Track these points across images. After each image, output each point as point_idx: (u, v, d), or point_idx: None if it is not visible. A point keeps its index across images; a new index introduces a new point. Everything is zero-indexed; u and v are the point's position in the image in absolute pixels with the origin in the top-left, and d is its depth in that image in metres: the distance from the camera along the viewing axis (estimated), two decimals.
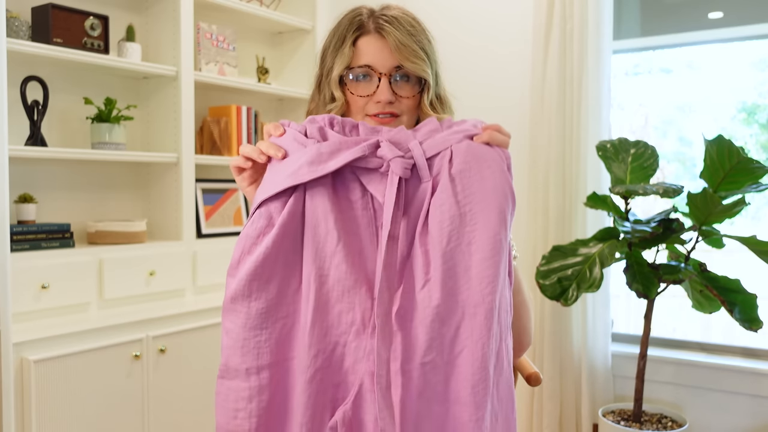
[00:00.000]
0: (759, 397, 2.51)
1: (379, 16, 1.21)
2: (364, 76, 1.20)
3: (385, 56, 1.19)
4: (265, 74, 3.11)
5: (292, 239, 0.96)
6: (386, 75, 1.19)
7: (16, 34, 2.16)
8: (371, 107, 1.20)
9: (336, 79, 1.21)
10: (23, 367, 1.94)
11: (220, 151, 2.83)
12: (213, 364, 2.42)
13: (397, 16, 1.21)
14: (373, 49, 1.20)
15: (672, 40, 2.95)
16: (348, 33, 1.21)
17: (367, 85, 1.20)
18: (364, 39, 1.21)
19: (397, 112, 1.20)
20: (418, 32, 1.21)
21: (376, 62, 1.19)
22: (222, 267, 2.68)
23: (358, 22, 1.21)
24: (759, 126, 3.04)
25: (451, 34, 3.02)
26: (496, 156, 1.02)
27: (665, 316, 2.99)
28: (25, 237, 2.13)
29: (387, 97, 1.18)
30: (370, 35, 1.20)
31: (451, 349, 0.93)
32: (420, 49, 1.19)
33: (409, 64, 1.18)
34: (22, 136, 2.28)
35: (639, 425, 2.41)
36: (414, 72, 1.19)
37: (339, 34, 1.23)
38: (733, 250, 2.36)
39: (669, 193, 2.24)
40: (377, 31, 1.20)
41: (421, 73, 1.19)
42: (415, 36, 1.20)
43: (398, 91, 1.20)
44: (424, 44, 1.21)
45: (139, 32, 2.62)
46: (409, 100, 1.21)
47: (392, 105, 1.19)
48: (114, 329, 2.15)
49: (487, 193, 0.98)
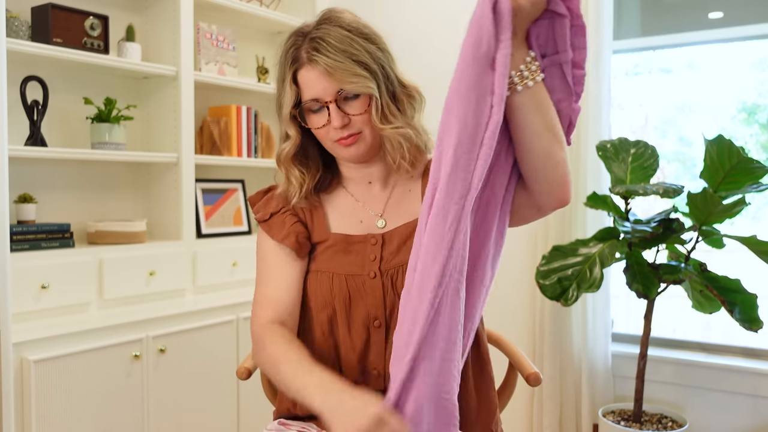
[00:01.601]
0: (759, 397, 2.51)
1: (312, 38, 1.19)
2: (316, 107, 1.20)
3: (325, 84, 1.17)
4: (265, 74, 3.11)
5: None
6: (332, 101, 1.18)
7: (16, 34, 2.16)
8: (332, 134, 1.20)
9: (287, 118, 1.23)
10: (23, 367, 1.94)
11: (220, 151, 2.82)
12: (213, 364, 2.42)
13: (326, 35, 1.18)
14: (312, 80, 1.18)
15: (672, 40, 2.95)
16: (286, 69, 1.21)
17: (321, 115, 1.20)
18: (302, 72, 1.20)
19: (354, 131, 1.20)
20: (352, 43, 1.17)
21: (318, 93, 1.18)
22: (222, 267, 2.68)
23: (293, 55, 1.20)
24: (759, 126, 3.04)
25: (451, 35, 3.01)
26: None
27: (665, 316, 2.99)
28: (25, 237, 2.13)
29: (340, 123, 1.18)
30: (306, 66, 1.19)
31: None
32: (355, 64, 1.16)
33: (348, 86, 1.16)
34: (22, 136, 2.27)
35: (639, 425, 2.41)
36: (354, 91, 1.17)
37: (280, 70, 1.23)
38: (733, 250, 2.36)
39: (669, 193, 2.24)
40: (309, 61, 1.18)
41: (362, 90, 1.17)
42: (347, 51, 1.17)
43: (349, 110, 1.19)
44: (359, 55, 1.17)
45: (139, 32, 2.62)
46: (362, 116, 1.19)
47: (348, 127, 1.19)
48: (114, 329, 2.15)
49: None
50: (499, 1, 0.99)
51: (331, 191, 1.32)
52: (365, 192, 1.30)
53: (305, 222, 1.29)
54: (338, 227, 1.28)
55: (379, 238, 1.24)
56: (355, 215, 1.29)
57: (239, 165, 2.91)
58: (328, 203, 1.31)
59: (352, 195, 1.31)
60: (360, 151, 1.22)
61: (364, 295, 1.21)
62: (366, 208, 1.29)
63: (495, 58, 0.99)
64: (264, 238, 1.29)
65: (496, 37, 0.99)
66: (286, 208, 1.29)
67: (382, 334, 1.21)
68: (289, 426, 1.25)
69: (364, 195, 1.30)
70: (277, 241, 1.26)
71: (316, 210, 1.30)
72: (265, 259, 1.29)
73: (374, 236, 1.25)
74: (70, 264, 2.19)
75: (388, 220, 1.27)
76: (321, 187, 1.32)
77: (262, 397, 1.53)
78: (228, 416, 2.48)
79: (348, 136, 1.19)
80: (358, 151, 1.22)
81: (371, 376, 1.22)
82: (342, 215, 1.29)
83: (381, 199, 1.30)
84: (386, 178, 1.30)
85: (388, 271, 1.21)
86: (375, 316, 1.21)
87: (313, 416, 1.25)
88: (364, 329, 1.21)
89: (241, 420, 2.51)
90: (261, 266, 1.30)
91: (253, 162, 2.92)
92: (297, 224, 1.27)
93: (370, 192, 1.30)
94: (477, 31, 1.00)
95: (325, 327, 1.24)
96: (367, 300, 1.21)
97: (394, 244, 1.23)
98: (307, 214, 1.30)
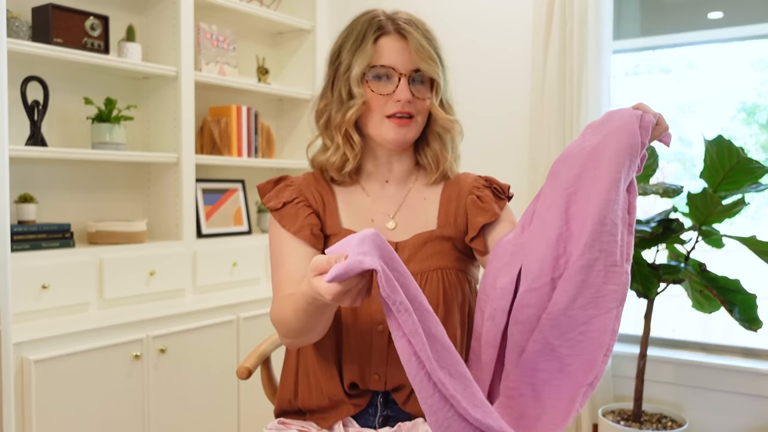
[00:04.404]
0: (759, 397, 2.51)
1: (396, 18, 1.24)
2: (384, 75, 1.22)
3: (406, 57, 1.22)
4: (265, 74, 3.11)
5: None
6: (406, 75, 1.21)
7: (16, 34, 2.16)
8: (390, 107, 1.22)
9: (357, 77, 1.22)
10: (23, 367, 1.94)
11: (220, 151, 2.83)
12: (213, 364, 2.42)
13: (414, 20, 1.25)
14: (394, 50, 1.22)
15: (672, 40, 2.95)
16: (369, 32, 1.23)
17: (387, 85, 1.22)
18: (385, 39, 1.22)
19: (414, 112, 1.23)
20: (433, 38, 1.25)
21: (397, 63, 1.21)
22: (222, 267, 2.68)
23: (378, 23, 1.23)
24: (759, 126, 3.04)
25: (450, 35, 3.02)
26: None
27: (665, 316, 2.99)
28: (25, 237, 2.13)
29: (407, 96, 1.20)
30: (391, 36, 1.23)
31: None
32: (436, 54, 1.23)
33: (427, 67, 1.21)
34: (22, 136, 2.28)
35: (639, 425, 2.41)
36: (430, 74, 1.22)
37: (357, 33, 1.24)
38: (733, 250, 2.36)
39: (669, 193, 2.25)
40: (398, 32, 1.22)
41: (435, 75, 1.22)
42: (431, 41, 1.24)
43: (416, 92, 1.23)
44: (439, 49, 1.25)
45: (139, 32, 2.62)
46: (424, 101, 1.24)
47: (410, 105, 1.22)
48: (114, 329, 2.15)
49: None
50: (643, 116, 1.01)
51: (347, 186, 1.32)
52: (380, 190, 1.31)
53: (318, 213, 1.28)
54: (349, 224, 1.28)
55: (392, 245, 1.23)
56: (367, 214, 1.29)
57: (239, 165, 2.92)
58: (341, 197, 1.30)
59: (366, 192, 1.31)
60: (408, 136, 1.24)
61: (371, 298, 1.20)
62: (378, 206, 1.29)
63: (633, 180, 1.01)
64: (276, 227, 1.27)
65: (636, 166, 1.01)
66: (299, 198, 1.27)
67: (385, 339, 1.20)
68: (289, 426, 1.25)
69: (378, 193, 1.30)
70: (291, 233, 1.23)
71: (330, 202, 1.29)
72: (279, 248, 1.25)
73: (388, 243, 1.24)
74: (71, 264, 2.19)
75: (399, 222, 1.27)
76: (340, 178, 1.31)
77: (262, 397, 1.53)
78: (228, 416, 2.48)
79: (406, 113, 1.21)
80: (406, 135, 1.23)
81: (372, 380, 1.21)
82: (354, 212, 1.29)
83: (395, 199, 1.30)
84: (405, 179, 1.31)
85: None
86: (379, 320, 1.20)
87: (312, 413, 1.26)
88: (368, 333, 1.21)
89: (241, 420, 2.52)
90: (275, 255, 1.26)
91: (253, 162, 2.92)
92: (311, 216, 1.25)
93: (384, 191, 1.31)
94: (628, 148, 0.98)
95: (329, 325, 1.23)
96: (372, 303, 1.20)
97: (406, 253, 1.23)
98: (320, 206, 1.28)
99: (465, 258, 1.27)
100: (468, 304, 1.25)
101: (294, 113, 3.22)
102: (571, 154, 1.05)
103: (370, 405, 1.23)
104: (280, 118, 3.28)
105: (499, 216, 1.26)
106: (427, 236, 1.25)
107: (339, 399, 1.22)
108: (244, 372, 1.44)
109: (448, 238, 1.25)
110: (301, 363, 1.27)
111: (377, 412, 1.23)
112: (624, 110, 1.02)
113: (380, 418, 1.23)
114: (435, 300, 1.20)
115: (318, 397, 1.23)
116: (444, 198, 1.30)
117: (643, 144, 1.00)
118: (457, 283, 1.23)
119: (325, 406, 1.23)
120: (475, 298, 1.27)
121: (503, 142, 2.94)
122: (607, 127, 1.02)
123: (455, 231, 1.26)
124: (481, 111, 2.98)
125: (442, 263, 1.23)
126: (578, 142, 1.06)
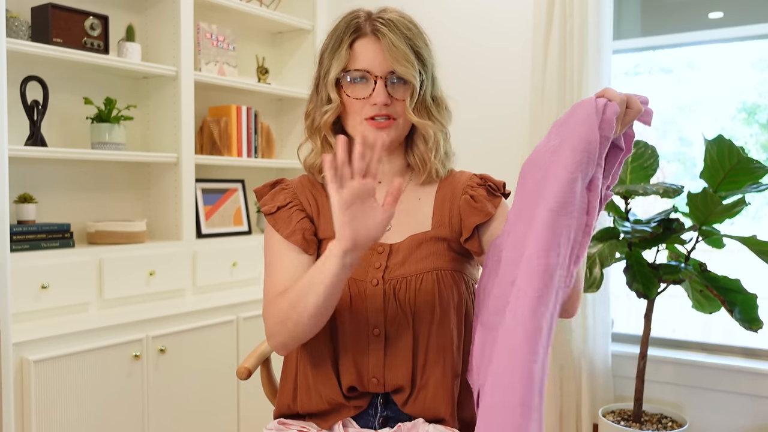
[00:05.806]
0: (759, 397, 2.51)
1: (376, 18, 1.21)
2: (361, 78, 1.20)
3: (381, 59, 1.19)
4: (265, 74, 3.11)
5: None
6: (382, 78, 1.19)
7: (16, 34, 2.16)
8: (367, 110, 1.20)
9: (332, 82, 1.22)
10: (23, 367, 1.94)
11: (220, 151, 2.82)
12: (213, 364, 2.42)
13: (394, 19, 1.21)
14: (370, 52, 1.20)
15: (672, 40, 2.95)
16: (345, 35, 1.22)
17: (364, 88, 1.21)
18: (361, 42, 1.21)
19: (393, 115, 1.21)
20: (414, 35, 1.21)
21: (373, 65, 1.20)
22: (222, 267, 2.68)
23: (355, 25, 1.22)
24: (759, 126, 3.04)
25: (450, 34, 3.02)
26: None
27: (665, 316, 2.99)
28: (25, 237, 2.13)
29: (382, 99, 1.18)
30: (367, 38, 1.21)
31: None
32: (413, 53, 1.20)
33: (399, 68, 1.19)
34: (22, 136, 2.27)
35: (639, 425, 2.41)
36: (404, 76, 1.19)
37: (336, 36, 1.23)
38: (733, 250, 2.36)
39: (669, 193, 2.24)
40: (373, 33, 1.20)
41: (409, 77, 1.19)
42: (411, 39, 1.20)
43: (394, 93, 1.21)
44: (419, 47, 1.21)
45: (139, 32, 2.62)
46: (403, 102, 1.21)
47: (388, 107, 1.20)
48: (114, 329, 2.15)
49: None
50: (607, 106, 0.99)
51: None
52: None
53: (312, 217, 1.27)
54: None
55: (387, 247, 1.23)
56: None
57: (239, 165, 2.91)
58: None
59: None
60: (390, 137, 1.22)
61: (365, 301, 1.20)
62: None
63: (594, 178, 0.99)
64: (271, 231, 1.27)
65: (597, 161, 0.98)
66: (294, 202, 1.27)
67: (381, 343, 1.19)
68: (289, 426, 1.25)
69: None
70: (283, 236, 1.23)
71: (324, 205, 1.28)
72: (272, 252, 1.25)
73: (382, 245, 1.23)
74: (70, 264, 2.19)
75: (393, 223, 1.25)
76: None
77: (262, 397, 1.53)
78: (228, 416, 2.48)
79: (384, 115, 1.20)
80: (388, 137, 1.21)
81: (371, 384, 1.21)
82: None
83: None
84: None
85: (391, 280, 1.20)
86: (375, 324, 1.19)
87: (312, 415, 1.25)
88: (364, 336, 1.20)
89: (241, 420, 2.51)
90: (268, 259, 1.26)
91: (253, 162, 2.92)
92: (304, 220, 1.25)
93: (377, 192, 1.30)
94: (585, 146, 0.97)
95: (325, 329, 1.23)
96: (368, 307, 1.20)
97: (401, 255, 1.22)
98: (314, 209, 1.28)
99: (461, 258, 1.26)
100: (465, 305, 1.24)
101: (294, 113, 3.22)
102: (536, 158, 1.04)
103: (371, 406, 1.23)
104: (280, 118, 3.28)
105: (493, 215, 1.24)
106: (422, 237, 1.24)
107: (338, 403, 1.21)
108: (244, 372, 1.44)
109: (443, 238, 1.24)
110: (300, 369, 1.26)
111: (377, 413, 1.23)
112: (587, 102, 1.01)
113: (380, 419, 1.23)
114: (431, 302, 1.19)
115: (317, 402, 1.23)
116: (438, 198, 1.29)
117: (605, 138, 0.98)
118: (452, 284, 1.22)
119: (325, 410, 1.23)
120: (472, 298, 1.27)
121: (503, 141, 2.94)
122: (567, 125, 1.00)
123: (450, 231, 1.25)
124: (481, 110, 2.97)
125: (438, 264, 1.22)
126: (544, 142, 1.04)
